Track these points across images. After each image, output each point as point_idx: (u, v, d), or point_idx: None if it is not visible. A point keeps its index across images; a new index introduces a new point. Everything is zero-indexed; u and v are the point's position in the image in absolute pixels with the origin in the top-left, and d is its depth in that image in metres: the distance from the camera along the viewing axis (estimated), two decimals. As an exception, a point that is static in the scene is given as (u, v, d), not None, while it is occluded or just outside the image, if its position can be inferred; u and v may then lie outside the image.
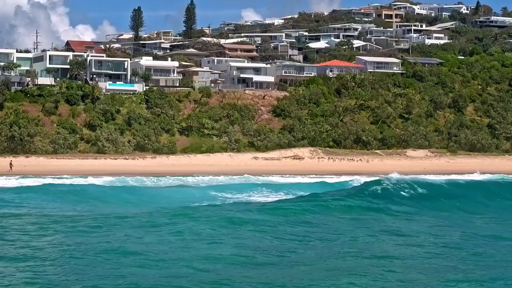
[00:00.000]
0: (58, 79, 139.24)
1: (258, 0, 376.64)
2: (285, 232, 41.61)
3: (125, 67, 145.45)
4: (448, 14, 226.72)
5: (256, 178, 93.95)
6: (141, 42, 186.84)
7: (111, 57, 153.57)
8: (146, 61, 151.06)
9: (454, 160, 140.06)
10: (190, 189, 76.93)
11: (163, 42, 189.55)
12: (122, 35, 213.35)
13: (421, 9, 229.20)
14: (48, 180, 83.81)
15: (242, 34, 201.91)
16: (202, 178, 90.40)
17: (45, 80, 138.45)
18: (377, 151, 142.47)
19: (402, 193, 58.57)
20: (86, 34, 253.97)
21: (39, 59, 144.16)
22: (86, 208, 56.14)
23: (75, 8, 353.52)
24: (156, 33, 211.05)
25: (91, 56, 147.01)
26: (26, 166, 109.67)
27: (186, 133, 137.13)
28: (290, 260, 33.95)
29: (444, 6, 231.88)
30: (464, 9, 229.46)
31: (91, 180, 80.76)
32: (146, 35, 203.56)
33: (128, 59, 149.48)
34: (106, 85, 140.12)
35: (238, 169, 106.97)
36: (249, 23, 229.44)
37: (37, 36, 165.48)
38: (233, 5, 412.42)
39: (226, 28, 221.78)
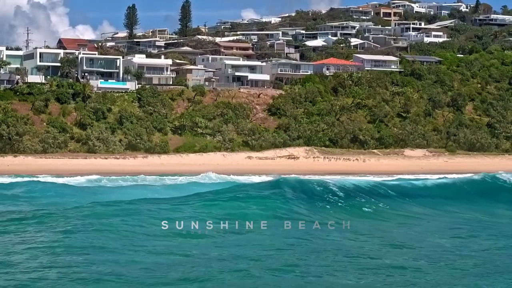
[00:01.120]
0: (48, 77, 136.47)
1: (257, 0, 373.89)
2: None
3: (117, 65, 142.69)
4: (447, 12, 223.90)
5: (228, 177, 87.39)
6: (135, 40, 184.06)
7: (104, 55, 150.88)
8: (139, 59, 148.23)
9: (453, 159, 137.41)
10: (127, 189, 71.53)
11: (158, 40, 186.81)
12: (117, 33, 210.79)
13: (420, 7, 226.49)
14: (6, 180, 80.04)
15: (238, 32, 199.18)
16: (179, 178, 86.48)
17: (35, 78, 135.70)
18: (374, 150, 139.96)
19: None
20: (86, 34, 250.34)
21: (29, 56, 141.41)
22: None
23: (75, 8, 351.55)
24: (151, 32, 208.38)
25: (83, 53, 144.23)
26: (9, 165, 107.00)
27: (179, 132, 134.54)
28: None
29: (443, 5, 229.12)
30: (463, 7, 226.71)
31: (54, 180, 77.30)
32: (141, 34, 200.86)
33: (121, 57, 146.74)
34: (97, 83, 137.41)
35: (230, 169, 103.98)
36: (245, 22, 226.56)
37: (28, 34, 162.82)
38: (233, 5, 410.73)
39: (222, 27, 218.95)
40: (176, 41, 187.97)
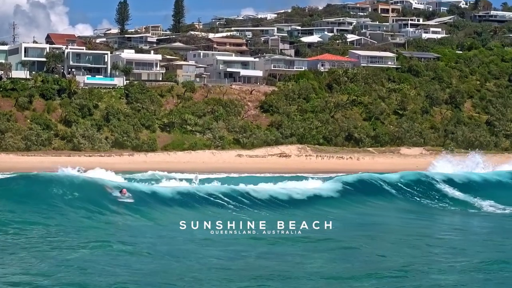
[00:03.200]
0: (33, 72, 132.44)
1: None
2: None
3: (105, 60, 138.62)
4: (446, 8, 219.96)
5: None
6: (126, 36, 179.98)
7: (92, 50, 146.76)
8: (127, 54, 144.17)
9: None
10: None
11: (150, 36, 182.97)
12: (109, 30, 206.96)
13: (418, 3, 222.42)
14: None
15: (233, 28, 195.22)
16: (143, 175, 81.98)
17: (20, 74, 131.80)
18: (370, 149, 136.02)
19: None
20: (85, 33, 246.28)
21: (14, 51, 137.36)
22: None
23: (74, 7, 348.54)
24: (144, 28, 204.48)
25: (70, 48, 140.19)
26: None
27: (168, 129, 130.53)
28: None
29: (442, 1, 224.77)
30: (463, 4, 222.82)
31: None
32: (134, 30, 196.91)
33: (108, 52, 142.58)
34: (84, 79, 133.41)
35: (216, 167, 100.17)
36: (241, 18, 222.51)
37: (14, 28, 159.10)
38: (233, 4, 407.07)
39: (217, 23, 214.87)
40: (168, 37, 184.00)
